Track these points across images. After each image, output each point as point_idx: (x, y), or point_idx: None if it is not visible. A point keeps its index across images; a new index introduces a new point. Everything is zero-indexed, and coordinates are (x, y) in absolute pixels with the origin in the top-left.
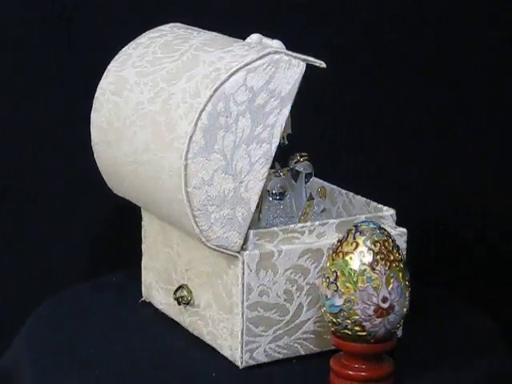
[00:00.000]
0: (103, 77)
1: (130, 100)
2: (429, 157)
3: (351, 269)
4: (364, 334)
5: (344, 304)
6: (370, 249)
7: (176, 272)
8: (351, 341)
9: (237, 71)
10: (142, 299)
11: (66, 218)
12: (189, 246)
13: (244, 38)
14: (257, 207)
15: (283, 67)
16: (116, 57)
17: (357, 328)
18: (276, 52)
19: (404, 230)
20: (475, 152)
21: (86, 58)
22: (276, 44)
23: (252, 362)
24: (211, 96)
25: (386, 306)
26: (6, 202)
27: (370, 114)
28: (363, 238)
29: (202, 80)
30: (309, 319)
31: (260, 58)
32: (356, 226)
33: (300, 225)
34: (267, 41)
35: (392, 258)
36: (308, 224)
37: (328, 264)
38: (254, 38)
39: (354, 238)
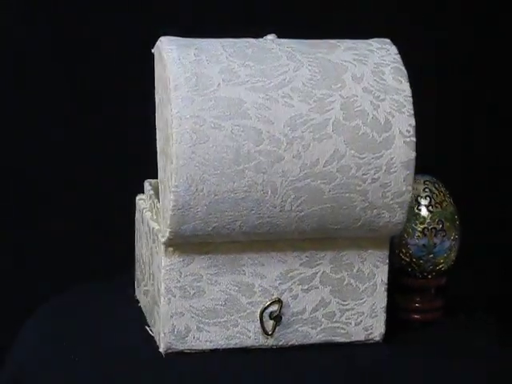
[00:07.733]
0: (177, 105)
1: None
2: None
3: (451, 213)
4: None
5: (451, 244)
6: (449, 193)
7: (246, 295)
8: (439, 276)
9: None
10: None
11: (67, 218)
12: (283, 259)
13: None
14: None
15: None
16: (175, 84)
17: (454, 258)
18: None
19: None
20: None
21: None
22: None
23: (383, 332)
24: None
25: None
26: (6, 201)
27: None
28: (441, 186)
29: (389, 74)
30: None
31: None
32: (429, 181)
33: None
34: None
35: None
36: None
37: (427, 217)
38: (270, 38)
39: (437, 189)
